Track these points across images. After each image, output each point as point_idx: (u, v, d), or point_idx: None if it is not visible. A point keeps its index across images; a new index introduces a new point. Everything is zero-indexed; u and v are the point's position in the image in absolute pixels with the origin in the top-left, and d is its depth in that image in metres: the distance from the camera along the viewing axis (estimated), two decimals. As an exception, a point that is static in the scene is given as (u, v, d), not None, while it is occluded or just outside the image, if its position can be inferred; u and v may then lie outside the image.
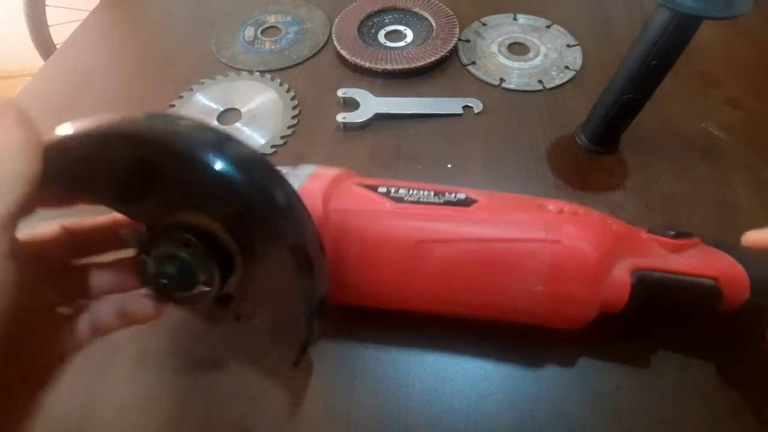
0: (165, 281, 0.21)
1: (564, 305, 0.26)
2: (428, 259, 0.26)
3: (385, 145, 0.44)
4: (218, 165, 0.17)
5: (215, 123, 0.47)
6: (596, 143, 0.41)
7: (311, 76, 0.50)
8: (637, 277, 0.26)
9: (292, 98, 0.48)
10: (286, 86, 0.49)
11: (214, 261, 0.20)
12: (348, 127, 0.45)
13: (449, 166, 0.42)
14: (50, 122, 0.19)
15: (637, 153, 0.42)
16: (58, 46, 0.94)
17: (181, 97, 0.49)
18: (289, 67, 0.51)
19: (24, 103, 0.50)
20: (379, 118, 0.45)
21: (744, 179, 0.39)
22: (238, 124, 0.46)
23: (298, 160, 0.43)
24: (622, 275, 0.26)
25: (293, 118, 0.46)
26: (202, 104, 0.48)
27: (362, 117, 0.45)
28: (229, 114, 0.48)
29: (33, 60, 1.14)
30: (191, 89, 0.49)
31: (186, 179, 0.19)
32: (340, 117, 0.45)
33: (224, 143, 0.18)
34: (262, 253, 0.21)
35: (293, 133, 0.45)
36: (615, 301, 0.26)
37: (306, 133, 0.45)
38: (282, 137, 0.44)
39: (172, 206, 0.21)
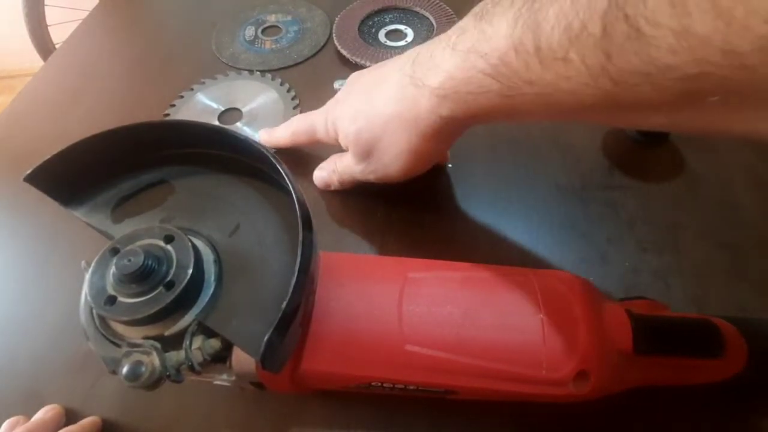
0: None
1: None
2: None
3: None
4: None
5: (216, 123, 0.47)
6: (646, 133, 0.41)
7: (311, 76, 0.50)
8: (633, 315, 0.25)
9: (293, 98, 0.48)
10: (287, 86, 0.49)
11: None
12: None
13: (450, 165, 0.42)
14: (50, 122, 0.19)
15: (638, 152, 0.42)
16: (57, 46, 0.94)
17: (182, 96, 0.49)
18: (290, 66, 0.51)
19: (24, 103, 0.51)
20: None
21: (745, 178, 0.39)
22: (239, 124, 0.46)
23: (298, 160, 0.43)
24: (615, 310, 0.25)
25: (294, 117, 0.46)
26: (203, 104, 0.48)
27: None
28: (229, 114, 0.47)
29: (33, 60, 1.14)
30: (192, 89, 0.49)
31: None
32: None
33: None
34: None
35: (294, 133, 0.45)
36: (620, 338, 0.25)
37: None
38: (283, 137, 0.44)
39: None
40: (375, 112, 0.30)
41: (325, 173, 0.39)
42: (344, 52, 0.50)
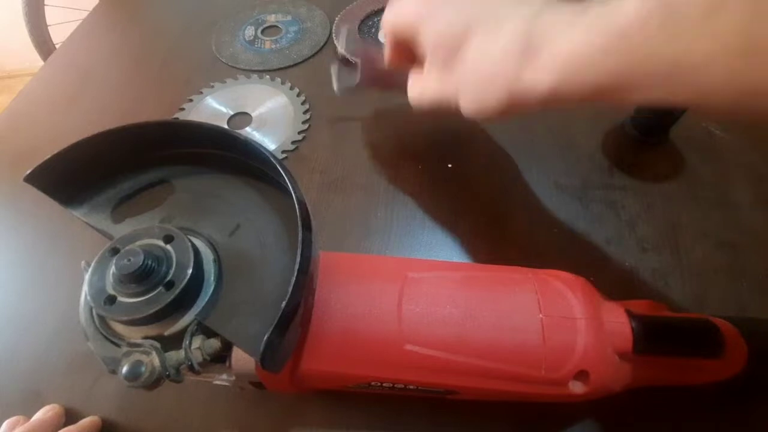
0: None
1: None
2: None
3: (386, 145, 0.44)
4: None
5: (225, 126, 0.46)
6: (646, 133, 0.42)
7: (312, 76, 0.50)
8: (633, 315, 0.25)
9: (303, 102, 0.47)
10: (297, 90, 0.48)
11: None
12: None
13: (449, 165, 0.42)
14: (50, 122, 0.19)
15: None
16: (57, 46, 0.94)
17: (191, 100, 0.48)
18: (290, 66, 0.51)
19: (24, 103, 0.51)
20: (380, 116, 0.45)
21: (745, 178, 0.39)
22: (248, 129, 0.46)
23: (304, 163, 0.43)
24: (615, 314, 0.25)
25: (304, 123, 0.45)
26: (213, 108, 0.48)
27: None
28: (239, 118, 0.47)
29: (33, 60, 1.14)
30: (201, 92, 0.49)
31: None
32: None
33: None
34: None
35: (304, 138, 0.45)
36: (620, 338, 0.25)
37: (318, 138, 0.45)
38: (293, 142, 0.44)
39: None
40: (473, 55, 0.28)
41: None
42: (344, 52, 0.50)
